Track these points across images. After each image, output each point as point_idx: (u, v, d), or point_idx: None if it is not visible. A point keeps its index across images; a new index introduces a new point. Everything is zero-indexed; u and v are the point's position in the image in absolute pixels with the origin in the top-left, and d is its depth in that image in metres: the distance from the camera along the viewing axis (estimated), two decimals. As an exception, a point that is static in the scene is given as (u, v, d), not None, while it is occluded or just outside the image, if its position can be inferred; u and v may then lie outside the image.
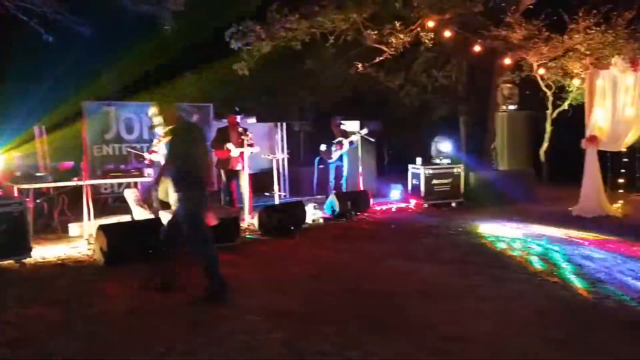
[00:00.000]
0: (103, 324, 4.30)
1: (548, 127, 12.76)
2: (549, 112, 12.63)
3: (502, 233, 7.59)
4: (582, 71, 9.98)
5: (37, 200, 7.94)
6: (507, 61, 11.26)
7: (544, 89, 12.05)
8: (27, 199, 6.63)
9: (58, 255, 6.67)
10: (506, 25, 10.55)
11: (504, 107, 10.64)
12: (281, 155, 10.12)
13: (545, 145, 12.94)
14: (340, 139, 9.82)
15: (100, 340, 3.96)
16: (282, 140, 12.14)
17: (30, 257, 6.26)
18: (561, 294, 4.86)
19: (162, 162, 7.72)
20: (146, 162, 7.91)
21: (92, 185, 7.67)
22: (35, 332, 4.14)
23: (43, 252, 6.78)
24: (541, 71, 11.11)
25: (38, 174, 7.61)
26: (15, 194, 6.85)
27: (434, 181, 9.99)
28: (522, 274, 5.54)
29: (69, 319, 4.41)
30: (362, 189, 9.93)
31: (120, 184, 9.45)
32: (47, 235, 7.73)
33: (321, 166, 10.04)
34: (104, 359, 3.64)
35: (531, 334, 3.98)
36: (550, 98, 12.31)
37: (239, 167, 8.42)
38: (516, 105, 10.65)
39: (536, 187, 10.77)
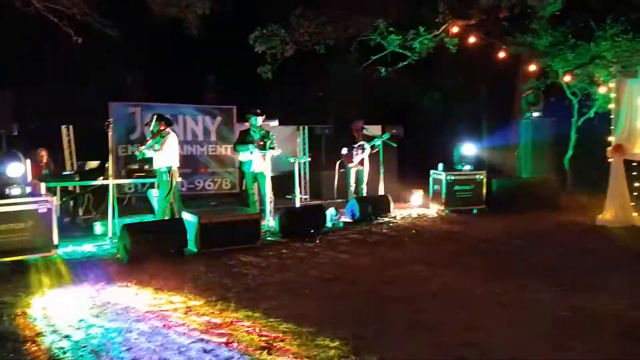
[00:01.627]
0: (125, 321, 4.37)
1: (573, 135, 12.60)
2: (574, 119, 12.47)
3: (524, 241, 7.51)
4: (609, 79, 9.84)
5: (64, 198, 8.11)
6: (532, 68, 11.17)
7: (570, 96, 11.91)
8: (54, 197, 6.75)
9: (83, 253, 6.82)
10: (531, 32, 10.48)
11: (528, 114, 10.53)
12: (302, 159, 10.16)
13: (569, 153, 12.78)
14: (361, 143, 9.83)
15: (122, 337, 4.03)
16: (303, 144, 12.20)
17: (57, 254, 6.40)
18: (584, 304, 4.79)
19: (155, 158, 7.71)
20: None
21: (117, 185, 7.80)
22: (60, 327, 4.23)
23: (69, 249, 6.93)
24: (567, 78, 10.99)
25: (65, 173, 7.78)
26: (43, 191, 6.99)
27: (456, 187, 9.92)
28: (544, 283, 5.47)
29: (92, 315, 4.49)
30: (382, 193, 9.92)
31: (143, 184, 9.61)
32: (72, 232, 7.89)
33: (342, 170, 10.06)
34: (124, 356, 3.70)
35: (553, 343, 3.94)
36: (576, 106, 12.15)
37: (260, 169, 8.49)
38: (540, 112, 10.53)
39: (560, 195, 10.63)
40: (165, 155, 7.58)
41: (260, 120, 8.55)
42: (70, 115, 9.12)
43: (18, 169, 6.32)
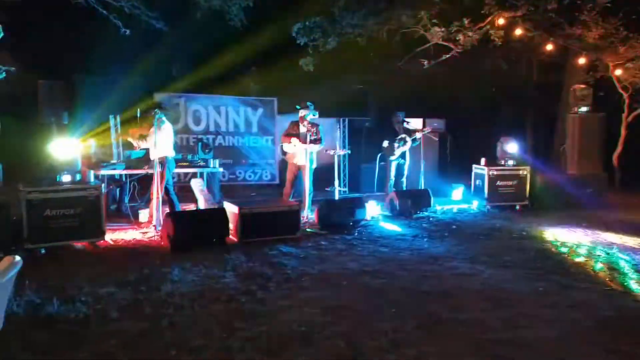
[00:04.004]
0: (168, 306, 4.49)
1: (622, 131, 12.18)
2: (624, 115, 12.05)
3: (569, 239, 7.33)
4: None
5: (110, 186, 8.35)
6: (581, 61, 10.84)
7: (620, 90, 11.51)
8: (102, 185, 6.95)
9: (128, 240, 7.03)
10: (581, 24, 10.16)
11: (576, 109, 10.22)
12: (342, 151, 10.16)
13: (618, 149, 12.36)
14: (403, 136, 9.76)
15: (165, 322, 4.14)
16: (343, 136, 12.19)
17: (104, 239, 6.62)
18: (630, 306, 4.66)
19: (150, 149, 7.53)
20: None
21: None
22: (106, 311, 4.39)
23: (115, 235, 7.15)
24: (618, 72, 10.62)
25: (112, 161, 8.01)
26: (92, 179, 7.23)
27: (498, 183, 9.73)
28: (588, 282, 5.34)
29: (137, 301, 4.64)
30: (423, 187, 9.83)
31: (186, 174, 9.81)
32: (118, 220, 8.13)
33: (382, 163, 10.02)
34: (167, 340, 3.80)
35: (595, 344, 3.84)
36: (627, 100, 11.74)
37: (303, 162, 8.52)
38: (589, 107, 10.20)
39: (608, 193, 10.29)
40: (160, 145, 7.39)
41: (306, 113, 8.52)
42: (117, 105, 9.35)
43: (70, 156, 6.55)
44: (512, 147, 10.04)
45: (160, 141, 7.40)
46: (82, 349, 3.65)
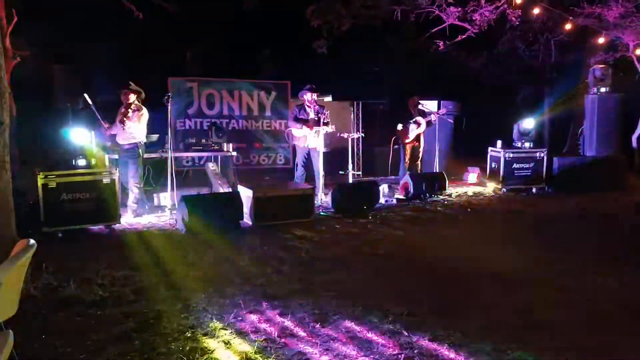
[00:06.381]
0: (183, 289, 4.52)
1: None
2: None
3: (587, 222, 7.23)
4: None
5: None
6: (601, 40, 10.60)
7: (640, 71, 11.27)
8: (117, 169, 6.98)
9: (143, 223, 7.08)
10: (601, 2, 9.92)
11: (595, 90, 10.03)
12: (356, 134, 10.10)
13: (638, 131, 12.13)
14: (417, 118, 9.66)
15: (181, 304, 4.17)
16: (357, 119, 12.11)
17: (119, 223, 6.67)
18: (650, 290, 4.59)
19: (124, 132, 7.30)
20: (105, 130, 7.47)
21: (175, 158, 7.99)
22: (122, 293, 4.42)
23: (130, 219, 7.20)
24: (638, 52, 10.37)
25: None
26: (107, 163, 7.27)
27: (515, 165, 9.62)
28: (609, 265, 5.26)
29: (152, 283, 4.67)
30: (438, 170, 9.75)
31: (200, 157, 9.84)
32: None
33: (396, 146, 9.94)
34: (181, 322, 3.82)
35: (616, 329, 3.78)
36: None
37: (313, 145, 8.49)
38: (608, 88, 10.00)
39: (627, 175, 10.13)
40: (137, 130, 7.34)
41: (314, 96, 8.52)
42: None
43: (84, 141, 6.59)
44: (528, 128, 9.90)
45: (134, 126, 7.27)
46: (99, 331, 3.68)
